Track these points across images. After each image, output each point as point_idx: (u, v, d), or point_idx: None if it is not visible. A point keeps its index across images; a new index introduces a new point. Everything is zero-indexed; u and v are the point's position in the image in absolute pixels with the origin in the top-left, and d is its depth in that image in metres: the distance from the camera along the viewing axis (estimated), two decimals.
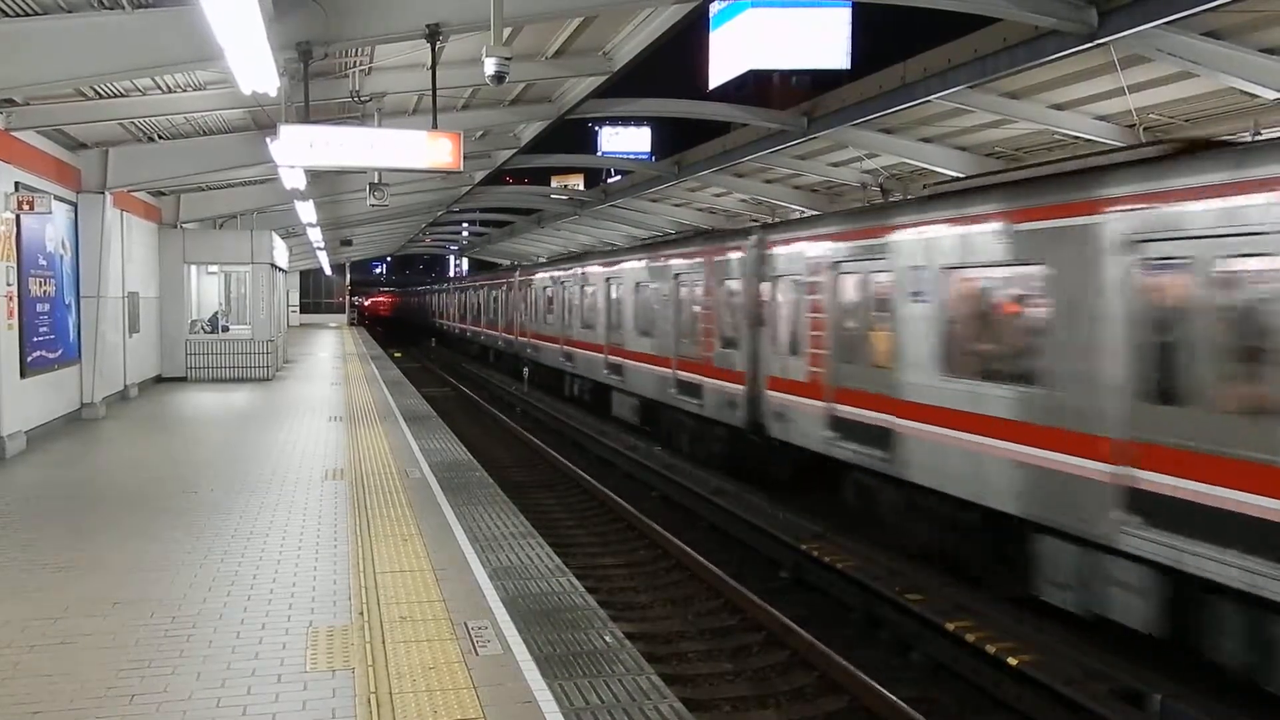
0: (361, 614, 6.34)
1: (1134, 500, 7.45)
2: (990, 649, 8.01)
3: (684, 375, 16.51)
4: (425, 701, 5.02)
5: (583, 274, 23.82)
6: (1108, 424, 7.74)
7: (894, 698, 7.31)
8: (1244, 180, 6.76)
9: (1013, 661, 7.75)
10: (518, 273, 33.22)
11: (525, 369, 30.20)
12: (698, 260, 16.18)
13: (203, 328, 23.67)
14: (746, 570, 11.01)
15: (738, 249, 14.69)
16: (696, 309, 16.21)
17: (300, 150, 9.92)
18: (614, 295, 21.12)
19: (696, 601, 10.17)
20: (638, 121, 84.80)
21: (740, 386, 14.30)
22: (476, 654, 5.67)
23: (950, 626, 8.50)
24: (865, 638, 9.13)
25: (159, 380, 21.31)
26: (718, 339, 15.18)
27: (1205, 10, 8.81)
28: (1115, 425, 7.68)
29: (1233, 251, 6.81)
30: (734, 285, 14.74)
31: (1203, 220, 7.01)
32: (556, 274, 26.81)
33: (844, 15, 55.03)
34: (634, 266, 19.85)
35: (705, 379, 15.54)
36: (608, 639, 6.06)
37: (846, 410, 11.52)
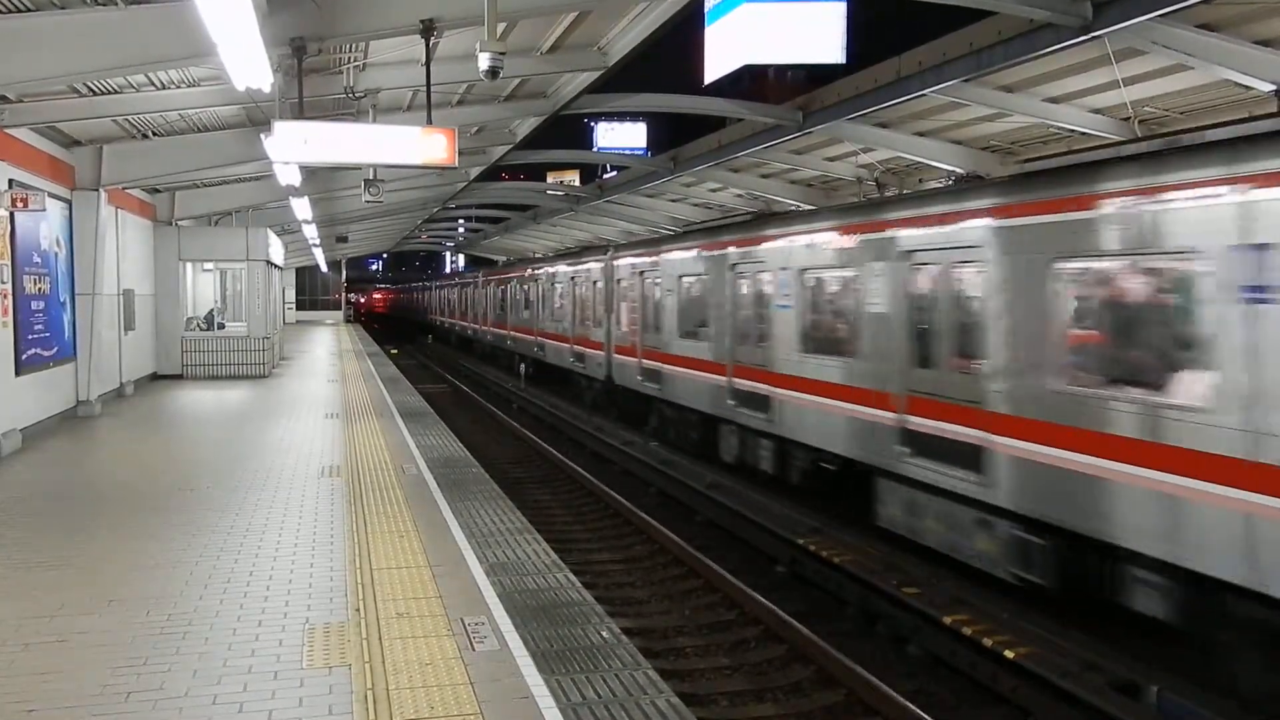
0: (358, 610, 6.33)
1: None
2: (987, 642, 8.02)
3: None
4: (422, 698, 5.01)
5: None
6: None
7: (891, 691, 7.32)
8: None
9: (1010, 654, 7.77)
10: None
11: (522, 365, 30.24)
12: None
13: (199, 325, 23.60)
14: (743, 565, 11.02)
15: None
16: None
17: (295, 146, 9.89)
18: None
19: (693, 596, 10.18)
20: (633, 117, 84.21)
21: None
22: (473, 649, 5.67)
23: (947, 620, 8.51)
24: (862, 632, 9.15)
25: (155, 378, 21.27)
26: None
27: (1199, 3, 8.80)
28: None
29: None
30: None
31: None
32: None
33: (839, 10, 54.88)
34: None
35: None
36: (604, 634, 6.06)
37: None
